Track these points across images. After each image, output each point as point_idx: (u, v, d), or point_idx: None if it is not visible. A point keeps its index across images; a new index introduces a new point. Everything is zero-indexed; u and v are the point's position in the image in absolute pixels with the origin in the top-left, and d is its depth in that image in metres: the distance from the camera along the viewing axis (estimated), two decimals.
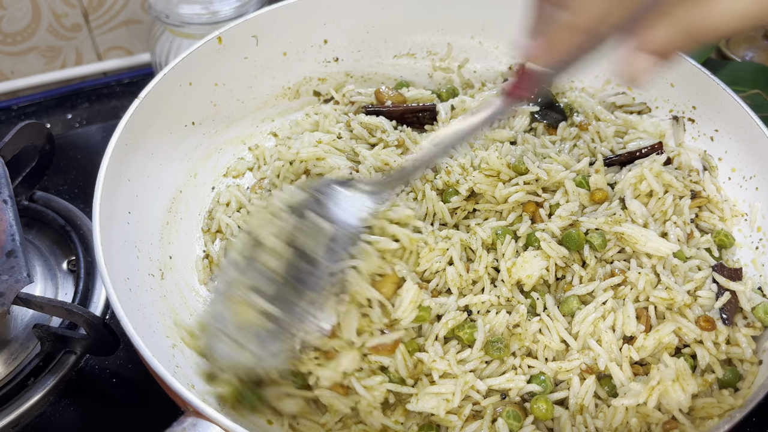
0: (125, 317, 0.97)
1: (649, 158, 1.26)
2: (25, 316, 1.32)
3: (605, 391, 1.07)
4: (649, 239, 1.14)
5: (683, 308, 1.09)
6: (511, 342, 1.09)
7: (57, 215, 1.48)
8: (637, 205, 1.20)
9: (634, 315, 1.08)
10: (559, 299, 1.14)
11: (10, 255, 1.16)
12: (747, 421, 1.22)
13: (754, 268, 1.22)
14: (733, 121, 1.31)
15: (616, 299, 1.12)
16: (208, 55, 1.37)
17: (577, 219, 1.18)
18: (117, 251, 1.11)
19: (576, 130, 1.36)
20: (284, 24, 1.47)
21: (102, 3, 1.84)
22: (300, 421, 1.06)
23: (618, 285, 1.13)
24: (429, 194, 1.23)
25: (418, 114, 1.40)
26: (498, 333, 1.09)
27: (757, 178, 1.27)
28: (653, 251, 1.13)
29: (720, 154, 1.35)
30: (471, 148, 1.29)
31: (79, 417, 1.22)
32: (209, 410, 0.89)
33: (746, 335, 1.08)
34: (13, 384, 1.22)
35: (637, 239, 1.14)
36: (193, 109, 1.40)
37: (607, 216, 1.18)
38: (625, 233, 1.14)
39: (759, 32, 1.86)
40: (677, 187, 1.23)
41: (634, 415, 1.02)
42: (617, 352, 1.07)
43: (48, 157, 1.48)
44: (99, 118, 1.87)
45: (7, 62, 1.85)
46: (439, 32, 1.58)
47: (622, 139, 1.36)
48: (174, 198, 1.33)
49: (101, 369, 1.29)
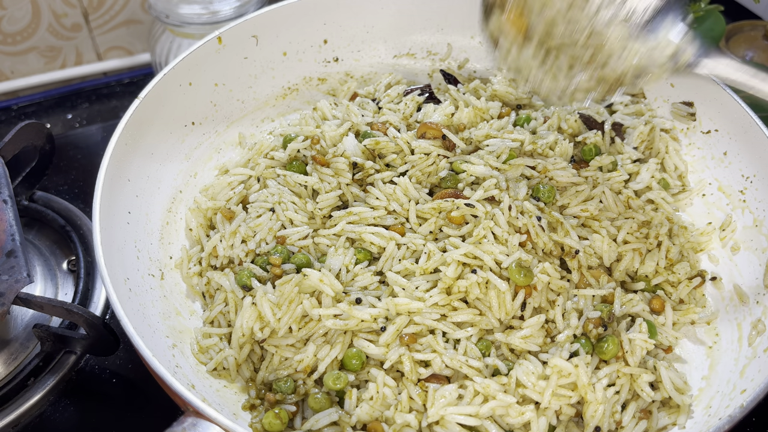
0: (125, 317, 0.97)
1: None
2: (25, 316, 1.32)
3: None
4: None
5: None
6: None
7: (57, 215, 1.48)
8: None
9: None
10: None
11: (10, 255, 1.16)
12: (747, 421, 1.22)
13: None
14: (733, 121, 1.31)
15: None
16: (208, 55, 1.38)
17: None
18: (117, 251, 1.11)
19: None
20: (284, 24, 1.47)
21: (102, 3, 1.84)
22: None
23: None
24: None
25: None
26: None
27: (757, 177, 1.27)
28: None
29: (720, 154, 1.35)
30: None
31: (79, 417, 1.22)
32: (209, 410, 0.89)
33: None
34: (13, 384, 1.22)
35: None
36: (193, 109, 1.40)
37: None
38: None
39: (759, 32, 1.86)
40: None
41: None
42: None
43: (48, 157, 1.48)
44: (99, 118, 1.87)
45: (7, 62, 1.85)
46: (439, 32, 1.58)
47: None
48: (174, 198, 1.33)
49: (101, 369, 1.29)
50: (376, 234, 1.20)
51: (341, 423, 1.04)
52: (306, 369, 1.10)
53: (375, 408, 1.04)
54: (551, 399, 1.04)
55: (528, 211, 1.19)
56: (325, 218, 1.28)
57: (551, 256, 1.19)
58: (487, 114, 1.39)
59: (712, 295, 1.25)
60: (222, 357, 1.12)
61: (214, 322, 1.18)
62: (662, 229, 1.25)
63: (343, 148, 1.31)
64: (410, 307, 1.10)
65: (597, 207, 1.24)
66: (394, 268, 1.18)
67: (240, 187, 1.33)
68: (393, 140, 1.31)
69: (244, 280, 1.16)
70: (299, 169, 1.34)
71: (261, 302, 1.11)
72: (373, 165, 1.30)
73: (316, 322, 1.11)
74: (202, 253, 1.25)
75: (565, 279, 1.17)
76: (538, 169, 1.28)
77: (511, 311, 1.11)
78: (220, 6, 1.65)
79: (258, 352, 1.15)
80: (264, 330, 1.11)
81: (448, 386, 1.05)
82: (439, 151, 1.31)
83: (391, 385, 1.06)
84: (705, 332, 1.21)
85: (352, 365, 1.09)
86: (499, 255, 1.13)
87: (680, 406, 1.09)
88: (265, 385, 1.12)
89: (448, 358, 1.07)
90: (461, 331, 1.10)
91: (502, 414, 1.04)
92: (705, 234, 1.31)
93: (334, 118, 1.42)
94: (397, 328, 1.09)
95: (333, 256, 1.18)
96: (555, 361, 1.05)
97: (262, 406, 1.09)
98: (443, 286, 1.12)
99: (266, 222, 1.24)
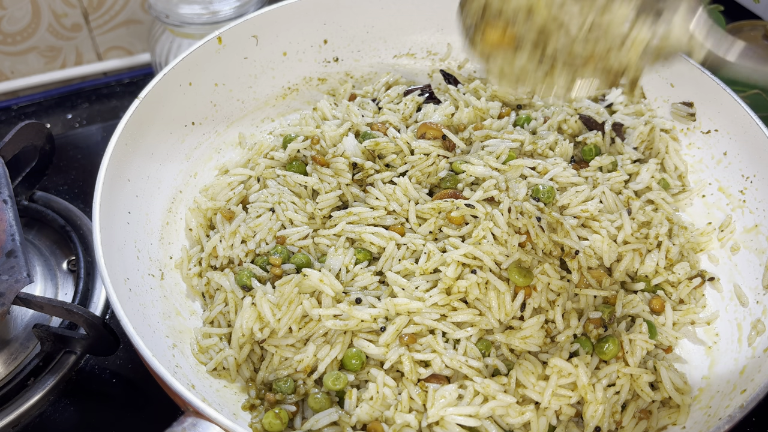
0: (125, 317, 0.97)
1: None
2: (25, 316, 1.32)
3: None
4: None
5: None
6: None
7: (57, 215, 1.48)
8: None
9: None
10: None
11: (10, 255, 1.16)
12: (747, 421, 1.22)
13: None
14: (733, 121, 1.31)
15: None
16: (208, 55, 1.38)
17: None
18: (117, 251, 1.11)
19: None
20: (284, 24, 1.47)
21: (102, 3, 1.84)
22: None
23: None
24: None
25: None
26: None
27: (757, 177, 1.27)
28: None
29: (720, 154, 1.35)
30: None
31: (79, 417, 1.22)
32: (209, 410, 0.89)
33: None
34: (13, 384, 1.22)
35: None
36: (193, 109, 1.40)
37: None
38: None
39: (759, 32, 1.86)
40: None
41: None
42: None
43: (48, 157, 1.48)
44: (99, 118, 1.87)
45: (7, 62, 1.85)
46: (439, 32, 1.58)
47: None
48: (174, 198, 1.33)
49: (101, 369, 1.29)
50: (375, 234, 1.20)
51: (341, 423, 1.04)
52: (306, 369, 1.10)
53: (375, 408, 1.04)
54: (551, 399, 1.04)
55: (528, 212, 1.19)
56: (325, 218, 1.28)
57: (551, 256, 1.19)
58: (487, 114, 1.39)
59: (712, 295, 1.25)
60: (222, 357, 1.12)
61: (214, 322, 1.18)
62: (662, 229, 1.25)
63: (343, 149, 1.31)
64: (410, 307, 1.10)
65: (597, 207, 1.24)
66: (394, 268, 1.18)
67: (240, 188, 1.33)
68: (393, 140, 1.31)
69: (244, 281, 1.16)
70: (299, 169, 1.34)
71: (261, 303, 1.11)
72: (373, 165, 1.30)
73: (316, 323, 1.11)
74: (202, 254, 1.25)
75: (564, 279, 1.17)
76: (538, 169, 1.28)
77: (511, 312, 1.11)
78: (220, 6, 1.65)
79: (258, 352, 1.15)
80: (264, 330, 1.11)
81: (448, 386, 1.05)
82: (439, 151, 1.31)
83: (391, 385, 1.06)
84: (705, 332, 1.21)
85: (352, 365, 1.09)
86: (499, 256, 1.13)
87: (680, 406, 1.09)
88: (265, 385, 1.12)
89: (448, 358, 1.07)
90: (461, 331, 1.10)
91: (502, 414, 1.04)
92: (705, 234, 1.31)
93: (334, 118, 1.42)
94: (397, 328, 1.09)
95: (333, 256, 1.18)
96: (555, 361, 1.05)
97: (262, 406, 1.09)
98: (443, 286, 1.12)
99: (266, 222, 1.24)
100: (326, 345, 1.10)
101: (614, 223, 1.23)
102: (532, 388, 1.04)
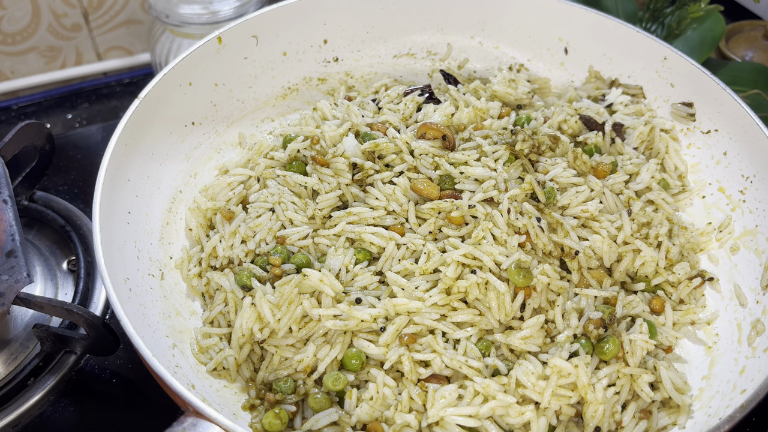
0: (125, 317, 0.97)
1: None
2: (25, 316, 1.32)
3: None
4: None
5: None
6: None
7: (57, 215, 1.48)
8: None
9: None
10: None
11: (10, 255, 1.16)
12: (747, 421, 1.22)
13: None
14: (733, 120, 1.31)
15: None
16: (208, 55, 1.38)
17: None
18: (117, 251, 1.11)
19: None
20: (284, 24, 1.47)
21: (102, 3, 1.84)
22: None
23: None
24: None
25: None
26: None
27: (757, 177, 1.27)
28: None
29: (720, 154, 1.35)
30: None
31: (79, 417, 1.22)
32: (209, 410, 0.89)
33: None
34: (13, 384, 1.22)
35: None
36: (193, 109, 1.40)
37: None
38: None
39: (759, 32, 1.86)
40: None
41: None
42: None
43: (48, 157, 1.48)
44: (99, 118, 1.87)
45: (7, 62, 1.85)
46: (439, 32, 1.58)
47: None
48: (174, 198, 1.33)
49: (101, 369, 1.29)
50: (375, 234, 1.20)
51: (341, 423, 1.04)
52: (306, 369, 1.10)
53: (375, 408, 1.04)
54: (551, 399, 1.04)
55: (527, 212, 1.19)
56: (325, 218, 1.28)
57: (551, 256, 1.19)
58: (487, 114, 1.39)
59: (712, 296, 1.25)
60: (222, 357, 1.12)
61: (214, 322, 1.18)
62: (662, 230, 1.25)
63: (342, 149, 1.31)
64: (410, 307, 1.10)
65: (597, 208, 1.24)
66: (394, 268, 1.18)
67: (240, 188, 1.33)
68: (392, 141, 1.31)
69: (244, 281, 1.16)
70: (299, 169, 1.34)
71: (260, 303, 1.11)
72: (373, 165, 1.30)
73: (316, 323, 1.11)
74: (202, 254, 1.25)
75: (564, 280, 1.17)
76: (538, 169, 1.28)
77: (511, 312, 1.11)
78: (220, 6, 1.65)
79: (258, 352, 1.15)
80: (264, 330, 1.11)
81: (448, 386, 1.05)
82: (439, 151, 1.31)
83: (391, 385, 1.06)
84: (705, 332, 1.21)
85: (352, 365, 1.09)
86: (499, 256, 1.13)
87: (680, 406, 1.09)
88: (265, 385, 1.12)
89: (448, 358, 1.07)
90: (461, 332, 1.10)
91: (502, 414, 1.04)
92: (705, 234, 1.31)
93: (334, 119, 1.42)
94: (397, 328, 1.09)
95: (333, 256, 1.18)
96: (555, 361, 1.05)
97: (262, 406, 1.09)
98: (443, 286, 1.12)
99: (266, 222, 1.24)
100: (326, 345, 1.10)
101: (614, 223, 1.23)
102: (532, 388, 1.04)
